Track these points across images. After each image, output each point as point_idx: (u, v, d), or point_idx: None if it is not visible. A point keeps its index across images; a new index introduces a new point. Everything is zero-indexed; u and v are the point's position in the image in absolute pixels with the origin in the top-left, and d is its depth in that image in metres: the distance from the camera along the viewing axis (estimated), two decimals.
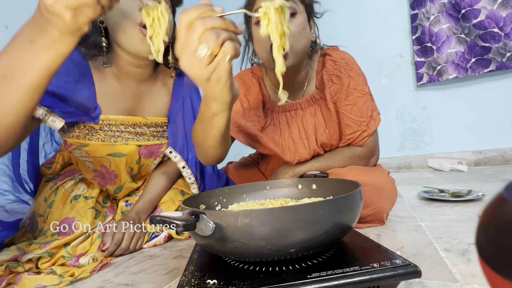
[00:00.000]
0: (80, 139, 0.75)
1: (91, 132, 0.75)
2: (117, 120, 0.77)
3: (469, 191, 0.93)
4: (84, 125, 0.74)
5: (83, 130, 0.75)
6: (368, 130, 0.80)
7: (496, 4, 1.54)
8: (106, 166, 0.80)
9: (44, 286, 0.57)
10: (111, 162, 0.80)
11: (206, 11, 0.41)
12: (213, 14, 0.40)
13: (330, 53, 0.85)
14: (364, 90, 0.82)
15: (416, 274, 0.34)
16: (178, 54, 0.43)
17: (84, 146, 0.76)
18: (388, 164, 1.90)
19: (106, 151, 0.77)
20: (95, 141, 0.75)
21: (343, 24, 1.96)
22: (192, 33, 0.40)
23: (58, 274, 0.60)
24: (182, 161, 0.83)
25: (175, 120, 0.85)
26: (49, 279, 0.58)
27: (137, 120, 0.80)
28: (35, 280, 0.57)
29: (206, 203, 0.59)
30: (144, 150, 0.83)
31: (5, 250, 0.66)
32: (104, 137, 0.76)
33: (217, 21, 0.40)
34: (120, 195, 0.88)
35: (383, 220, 0.72)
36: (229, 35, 0.41)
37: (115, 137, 0.77)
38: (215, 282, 0.37)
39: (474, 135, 1.71)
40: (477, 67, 1.62)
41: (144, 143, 0.82)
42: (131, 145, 0.80)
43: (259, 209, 0.37)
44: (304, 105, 0.85)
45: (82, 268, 0.63)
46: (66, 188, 0.79)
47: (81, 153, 0.77)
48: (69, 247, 0.67)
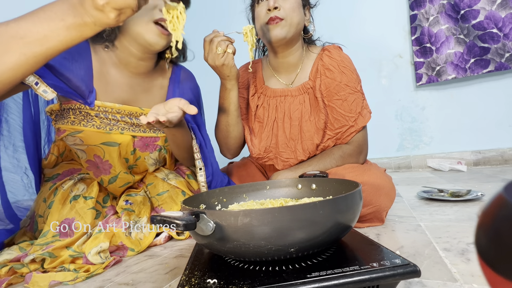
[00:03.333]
0: (75, 124, 0.75)
1: (87, 118, 0.75)
2: (113, 108, 0.77)
3: (468, 191, 0.93)
4: (80, 111, 0.75)
5: (79, 116, 0.75)
6: (356, 126, 0.83)
7: (495, 4, 1.54)
8: (100, 156, 0.80)
9: (59, 282, 0.57)
10: (105, 151, 0.80)
11: (217, 33, 0.76)
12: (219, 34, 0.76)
13: (330, 49, 0.88)
14: (356, 88, 0.84)
15: (415, 274, 0.34)
16: (206, 56, 0.77)
17: (78, 133, 0.76)
18: (387, 164, 1.90)
19: (101, 139, 0.77)
20: (90, 127, 0.76)
21: (343, 24, 1.97)
22: (212, 43, 0.75)
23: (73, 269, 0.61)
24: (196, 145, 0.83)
25: None
26: (62, 275, 0.59)
27: (133, 110, 0.80)
28: (48, 277, 0.58)
29: (206, 202, 0.59)
30: (139, 142, 0.83)
31: (7, 249, 0.66)
32: (100, 124, 0.76)
33: (223, 37, 0.76)
34: (115, 186, 0.87)
35: (383, 219, 0.72)
36: (229, 42, 0.76)
37: (110, 125, 0.78)
38: (215, 281, 0.37)
39: (473, 135, 1.71)
40: (476, 68, 1.62)
41: (140, 134, 0.83)
42: (126, 134, 0.80)
43: (259, 209, 0.37)
44: (295, 93, 0.89)
45: (96, 265, 0.63)
46: (65, 189, 0.78)
47: (74, 140, 0.77)
48: (74, 246, 0.67)
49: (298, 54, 0.89)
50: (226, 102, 0.86)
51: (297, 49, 0.88)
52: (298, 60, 0.90)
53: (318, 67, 0.87)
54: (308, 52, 0.91)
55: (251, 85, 0.96)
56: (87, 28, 0.49)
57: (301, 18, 0.84)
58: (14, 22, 0.48)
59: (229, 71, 0.79)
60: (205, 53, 0.77)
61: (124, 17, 0.49)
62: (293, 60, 0.89)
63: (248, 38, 0.80)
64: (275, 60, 0.91)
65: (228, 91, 0.84)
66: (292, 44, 0.86)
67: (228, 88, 0.83)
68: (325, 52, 0.88)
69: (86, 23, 0.48)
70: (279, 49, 0.86)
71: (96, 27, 0.49)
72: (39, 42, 0.48)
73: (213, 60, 0.76)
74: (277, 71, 0.93)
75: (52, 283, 0.57)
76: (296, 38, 0.85)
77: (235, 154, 0.99)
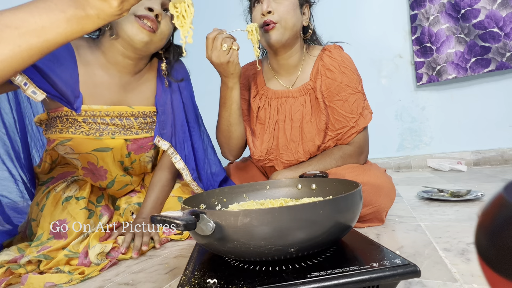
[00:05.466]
0: (63, 133, 0.72)
1: (74, 125, 0.72)
2: (101, 111, 0.73)
3: (468, 191, 0.93)
4: (66, 118, 0.71)
5: (66, 124, 0.72)
6: (357, 127, 0.83)
7: (495, 4, 1.54)
8: (93, 162, 0.78)
9: (54, 284, 0.57)
10: (98, 158, 0.77)
11: (219, 31, 0.75)
12: (223, 31, 0.75)
13: (331, 49, 0.88)
14: (357, 88, 0.84)
15: (415, 274, 0.34)
16: (210, 54, 0.75)
17: (67, 141, 0.73)
18: (387, 164, 1.90)
19: (92, 146, 0.75)
20: (79, 134, 0.72)
21: (343, 24, 1.96)
22: (217, 40, 0.74)
23: (67, 271, 0.60)
24: (171, 147, 0.82)
25: (164, 109, 0.84)
26: (57, 277, 0.58)
27: (123, 110, 0.77)
28: (43, 278, 0.57)
29: (206, 202, 0.59)
30: (133, 145, 0.81)
31: (6, 250, 0.66)
32: (89, 130, 0.73)
33: (227, 34, 0.75)
34: (114, 189, 0.87)
35: (383, 219, 0.72)
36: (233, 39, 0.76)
37: (100, 131, 0.75)
38: (215, 281, 0.37)
39: (473, 135, 1.71)
40: (477, 67, 1.62)
41: (132, 137, 0.79)
42: (118, 139, 0.77)
43: (259, 209, 0.37)
44: (296, 94, 0.88)
45: (92, 267, 0.63)
46: (57, 191, 0.77)
47: (65, 149, 0.75)
48: (70, 246, 0.66)
49: (298, 55, 0.88)
50: (228, 101, 0.84)
51: (297, 50, 0.87)
52: (298, 61, 0.89)
53: (318, 68, 0.86)
54: (308, 52, 0.91)
55: (252, 87, 0.95)
56: (89, 21, 0.47)
57: (297, 19, 0.82)
58: (10, 11, 0.45)
59: (233, 68, 0.78)
60: (208, 51, 0.76)
61: (128, 6, 0.47)
62: (293, 62, 0.88)
63: (253, 36, 0.79)
64: (275, 61, 0.90)
65: (230, 89, 0.82)
66: (291, 46, 0.85)
67: (230, 86, 0.82)
68: (326, 52, 0.87)
69: (88, 16, 0.46)
70: (278, 52, 0.85)
71: (99, 20, 0.47)
72: (36, 33, 0.45)
73: (218, 58, 0.74)
74: (277, 72, 0.92)
75: (47, 284, 0.56)
76: (293, 40, 0.84)
77: (237, 156, 0.98)
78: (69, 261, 0.64)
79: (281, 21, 0.79)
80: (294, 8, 0.81)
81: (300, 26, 0.84)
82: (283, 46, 0.82)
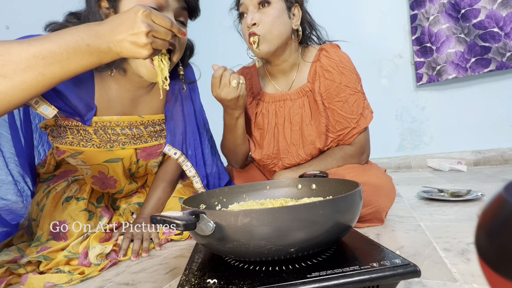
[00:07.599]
0: (74, 145, 0.71)
1: (86, 138, 0.71)
2: (111, 121, 0.73)
3: (468, 191, 0.93)
4: (77, 129, 0.70)
5: (77, 136, 0.71)
6: (358, 128, 0.82)
7: (496, 3, 1.54)
8: (104, 172, 0.79)
9: (54, 284, 0.57)
10: (109, 168, 0.78)
11: (224, 68, 0.76)
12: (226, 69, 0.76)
13: (327, 49, 0.85)
14: (356, 88, 0.82)
15: (415, 274, 0.34)
16: (218, 92, 0.76)
17: (78, 154, 0.73)
18: (387, 164, 1.90)
19: (103, 157, 0.75)
20: (90, 147, 0.72)
21: (343, 24, 1.96)
22: (224, 77, 0.74)
23: (67, 271, 0.60)
24: (182, 155, 0.82)
25: (173, 116, 0.83)
26: (57, 277, 0.58)
27: (132, 119, 0.76)
28: (43, 278, 0.57)
29: (206, 202, 0.59)
30: (142, 153, 0.81)
31: (5, 250, 0.66)
32: (100, 143, 0.73)
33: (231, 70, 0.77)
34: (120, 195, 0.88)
35: (382, 219, 0.72)
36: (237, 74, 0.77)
37: (111, 142, 0.74)
38: (215, 281, 0.37)
39: (473, 135, 1.71)
40: (477, 67, 1.62)
41: (142, 146, 0.80)
42: (128, 149, 0.77)
43: (259, 209, 0.37)
44: (294, 97, 0.87)
45: (92, 267, 0.63)
46: (58, 191, 0.77)
47: (76, 161, 0.75)
48: (70, 247, 0.66)
49: (293, 58, 0.86)
50: (234, 128, 0.84)
51: (290, 54, 0.85)
52: (294, 65, 0.87)
53: (316, 69, 0.84)
54: (304, 53, 0.88)
55: (248, 93, 0.93)
56: (108, 55, 0.52)
57: (284, 25, 0.78)
58: (37, 41, 0.47)
59: (243, 101, 0.79)
60: (216, 89, 0.75)
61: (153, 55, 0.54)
62: (287, 66, 0.87)
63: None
64: (270, 67, 0.89)
65: (236, 119, 0.82)
66: (282, 52, 0.82)
67: (236, 116, 0.82)
68: (323, 52, 0.85)
69: (111, 50, 0.51)
70: (270, 60, 0.84)
71: (118, 56, 0.52)
72: (60, 64, 0.48)
73: (228, 94, 0.75)
74: (273, 76, 0.91)
75: (47, 284, 0.57)
76: (284, 46, 0.81)
77: (243, 165, 0.99)
78: (69, 261, 0.64)
79: (266, 34, 0.76)
80: (280, 15, 0.78)
81: (289, 31, 0.81)
82: (273, 55, 0.81)
